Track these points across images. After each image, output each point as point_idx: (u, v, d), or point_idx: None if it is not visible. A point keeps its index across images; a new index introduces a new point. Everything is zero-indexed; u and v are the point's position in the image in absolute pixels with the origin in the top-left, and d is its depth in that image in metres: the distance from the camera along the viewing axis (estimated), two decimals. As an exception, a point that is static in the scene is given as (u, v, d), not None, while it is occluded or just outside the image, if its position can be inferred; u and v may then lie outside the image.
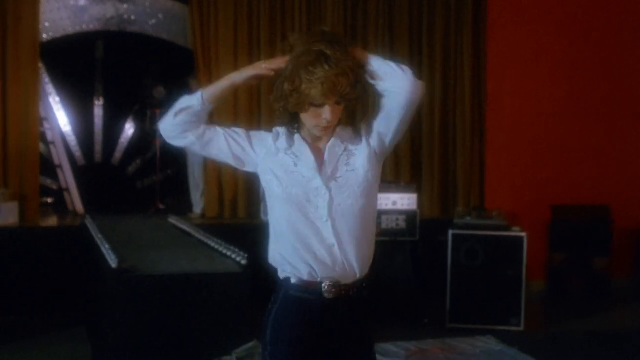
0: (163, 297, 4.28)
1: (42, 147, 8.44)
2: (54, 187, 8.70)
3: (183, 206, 8.20)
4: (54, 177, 8.60)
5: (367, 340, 2.60)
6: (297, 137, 2.54)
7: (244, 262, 4.51)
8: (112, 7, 7.62)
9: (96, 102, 9.26)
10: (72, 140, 9.14)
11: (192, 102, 2.51)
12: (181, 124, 2.51)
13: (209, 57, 7.63)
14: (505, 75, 8.04)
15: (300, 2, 7.83)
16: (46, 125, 8.37)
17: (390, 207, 6.61)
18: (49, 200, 8.70)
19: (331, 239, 2.46)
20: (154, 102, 8.47)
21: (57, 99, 8.89)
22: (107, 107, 9.23)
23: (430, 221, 7.33)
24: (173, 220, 6.83)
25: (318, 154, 2.53)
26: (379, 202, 6.50)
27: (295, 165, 2.51)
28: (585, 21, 8.12)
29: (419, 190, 7.97)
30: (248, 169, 2.61)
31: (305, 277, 2.49)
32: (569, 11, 8.07)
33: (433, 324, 6.35)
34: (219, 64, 7.62)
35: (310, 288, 2.48)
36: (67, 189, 8.38)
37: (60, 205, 8.51)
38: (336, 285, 2.48)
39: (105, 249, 4.79)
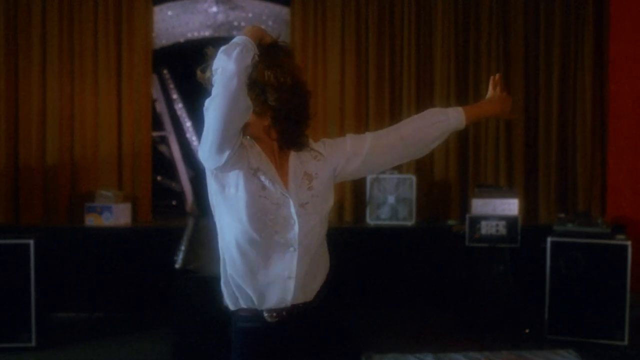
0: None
1: (166, 150, 8.82)
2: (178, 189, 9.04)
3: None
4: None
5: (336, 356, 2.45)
6: (261, 154, 2.35)
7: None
8: (223, 14, 7.81)
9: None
10: (195, 144, 9.44)
11: (240, 41, 2.23)
12: (242, 90, 2.21)
13: (315, 61, 7.64)
14: (629, 74, 7.56)
15: (409, 5, 7.72)
16: (167, 129, 8.71)
17: (489, 212, 6.39)
18: (173, 202, 9.04)
19: (292, 271, 2.28)
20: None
21: (180, 105, 9.22)
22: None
23: (533, 227, 7.01)
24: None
25: (282, 175, 2.36)
26: (477, 208, 6.36)
27: (263, 189, 2.31)
28: None
29: (534, 194, 7.74)
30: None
31: (246, 305, 2.33)
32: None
33: (532, 335, 6.08)
34: (326, 68, 7.64)
35: (252, 316, 2.32)
36: (184, 192, 8.68)
37: (183, 207, 8.83)
38: (277, 309, 2.31)
39: (180, 250, 4.92)
